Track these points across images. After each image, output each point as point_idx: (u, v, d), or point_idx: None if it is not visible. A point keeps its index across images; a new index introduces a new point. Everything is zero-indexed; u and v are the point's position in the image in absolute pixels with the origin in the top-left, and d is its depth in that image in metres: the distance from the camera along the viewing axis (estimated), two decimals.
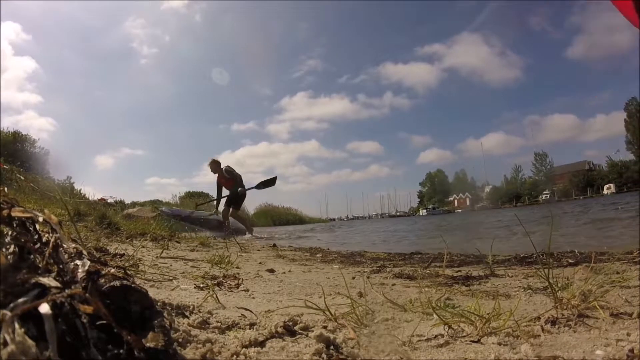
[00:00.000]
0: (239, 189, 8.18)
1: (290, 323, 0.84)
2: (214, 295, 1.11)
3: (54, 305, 0.45)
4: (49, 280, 0.48)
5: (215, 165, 8.16)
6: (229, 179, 8.17)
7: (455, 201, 72.61)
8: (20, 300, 0.44)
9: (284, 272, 2.12)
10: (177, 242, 3.71)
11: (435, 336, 0.83)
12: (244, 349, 0.71)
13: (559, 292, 1.02)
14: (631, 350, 0.69)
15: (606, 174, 56.05)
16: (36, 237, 0.55)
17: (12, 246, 0.50)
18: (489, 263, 2.08)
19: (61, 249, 0.56)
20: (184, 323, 0.82)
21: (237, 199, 8.29)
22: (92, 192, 11.26)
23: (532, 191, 61.46)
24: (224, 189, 8.33)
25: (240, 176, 8.29)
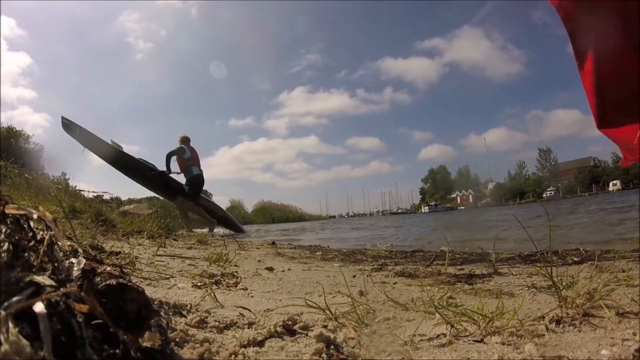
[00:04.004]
0: (191, 175, 7.23)
1: (290, 322, 0.83)
2: (212, 294, 1.10)
3: (48, 304, 0.44)
4: (43, 279, 0.47)
5: (182, 142, 7.42)
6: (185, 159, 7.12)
7: (458, 198, 72.45)
8: (14, 299, 0.43)
9: (283, 271, 2.11)
10: (175, 239, 3.73)
11: (438, 336, 0.82)
12: (242, 348, 0.70)
13: (564, 290, 1.00)
14: (637, 350, 0.67)
15: (612, 171, 55.61)
16: (30, 234, 0.54)
17: (6, 244, 0.49)
18: (492, 261, 2.06)
19: (56, 246, 0.55)
20: (181, 322, 0.82)
21: (194, 187, 7.29)
22: (87, 188, 11.23)
23: (536, 188, 61.15)
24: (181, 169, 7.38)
25: (194, 164, 7.23)
